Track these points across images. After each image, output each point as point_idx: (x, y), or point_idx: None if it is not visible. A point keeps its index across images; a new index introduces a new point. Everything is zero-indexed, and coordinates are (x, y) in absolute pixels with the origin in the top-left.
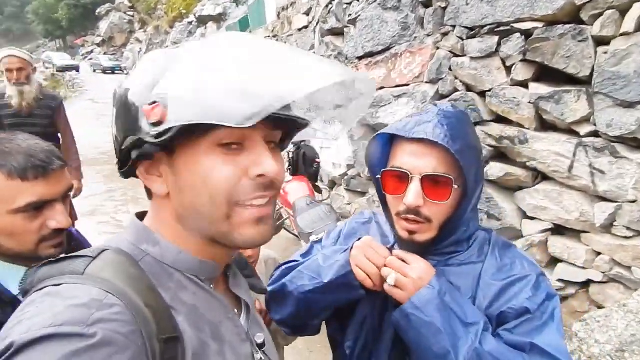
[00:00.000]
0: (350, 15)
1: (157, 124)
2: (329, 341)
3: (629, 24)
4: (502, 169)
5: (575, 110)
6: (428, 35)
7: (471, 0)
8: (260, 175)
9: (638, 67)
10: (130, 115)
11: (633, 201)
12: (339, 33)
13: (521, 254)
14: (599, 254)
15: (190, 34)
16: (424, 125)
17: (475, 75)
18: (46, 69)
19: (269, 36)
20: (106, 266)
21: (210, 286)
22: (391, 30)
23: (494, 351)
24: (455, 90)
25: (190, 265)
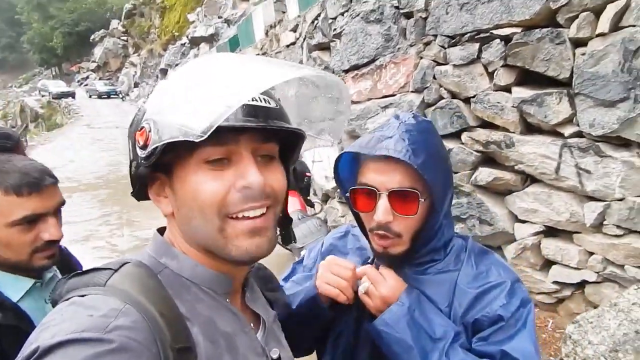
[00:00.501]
0: (335, 29)
1: (144, 147)
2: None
3: (604, 25)
4: (491, 173)
5: (558, 111)
6: (411, 45)
7: (451, 9)
8: (246, 187)
9: (616, 67)
10: (131, 143)
11: (621, 199)
12: (325, 48)
13: (498, 260)
14: (591, 254)
15: (184, 55)
16: (385, 141)
17: (458, 83)
18: (42, 96)
19: (258, 54)
20: (125, 278)
21: (227, 300)
22: (375, 43)
23: None
24: (441, 97)
25: (206, 278)
